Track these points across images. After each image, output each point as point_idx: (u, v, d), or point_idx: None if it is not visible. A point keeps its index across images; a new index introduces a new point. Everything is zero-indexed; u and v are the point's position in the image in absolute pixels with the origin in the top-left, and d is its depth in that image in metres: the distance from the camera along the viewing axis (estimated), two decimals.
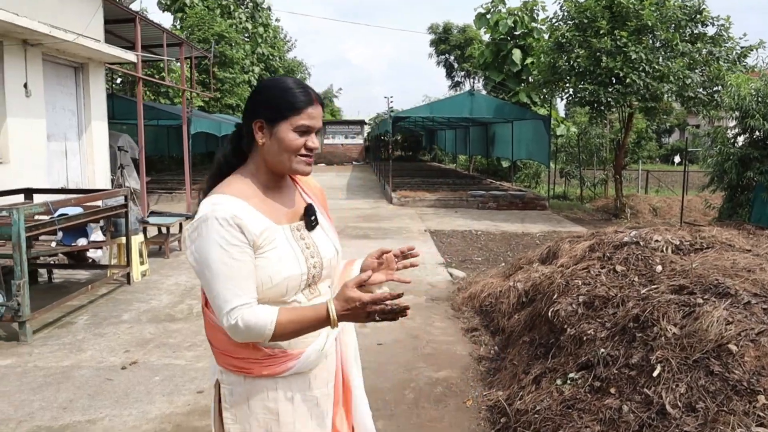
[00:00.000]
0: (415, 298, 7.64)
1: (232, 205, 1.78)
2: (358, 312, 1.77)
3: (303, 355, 1.91)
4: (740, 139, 12.19)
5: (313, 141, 1.90)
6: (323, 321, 1.78)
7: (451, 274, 9.09)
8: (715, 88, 14.62)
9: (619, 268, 5.21)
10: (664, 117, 20.17)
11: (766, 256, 5.31)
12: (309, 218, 2.00)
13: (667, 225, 10.26)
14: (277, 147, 1.86)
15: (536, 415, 3.85)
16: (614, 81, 14.59)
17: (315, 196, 2.17)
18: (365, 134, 45.20)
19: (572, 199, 21.92)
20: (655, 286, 4.62)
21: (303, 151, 1.89)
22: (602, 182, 22.32)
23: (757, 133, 11.53)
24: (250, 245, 1.78)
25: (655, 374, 3.49)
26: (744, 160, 11.59)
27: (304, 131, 1.87)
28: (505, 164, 26.59)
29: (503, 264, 9.74)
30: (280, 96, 1.85)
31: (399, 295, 1.79)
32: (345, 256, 2.21)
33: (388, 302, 1.77)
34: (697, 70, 14.42)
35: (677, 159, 36.87)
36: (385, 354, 5.67)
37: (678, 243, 5.59)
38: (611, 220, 16.49)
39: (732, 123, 12.51)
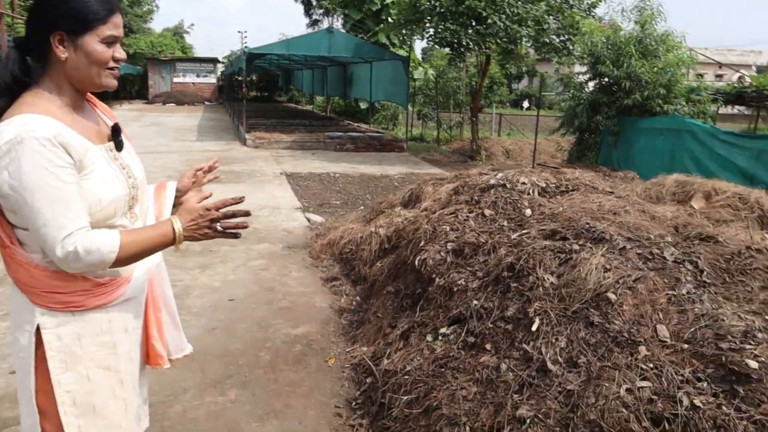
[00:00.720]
0: (270, 246, 7.07)
1: (50, 124, 1.63)
2: (202, 224, 1.81)
3: (134, 277, 1.87)
4: (590, 85, 12.54)
5: (120, 51, 1.80)
6: (168, 239, 1.79)
7: (308, 220, 8.59)
8: (567, 36, 14.95)
9: (487, 212, 4.95)
10: (520, 63, 20.54)
11: (627, 198, 5.28)
12: (117, 138, 1.89)
13: (521, 167, 10.36)
14: (85, 61, 1.72)
15: (406, 376, 3.49)
16: (474, 23, 14.45)
17: (111, 117, 2.00)
18: (218, 73, 42.88)
19: (429, 142, 22.03)
20: (525, 231, 4.39)
21: (111, 64, 1.78)
22: (458, 125, 22.60)
23: (606, 79, 11.86)
24: (75, 166, 1.66)
25: (534, 328, 3.22)
26: (594, 104, 11.94)
27: (111, 42, 1.76)
28: (363, 106, 26.20)
29: (362, 207, 9.41)
30: (80, 4, 1.70)
31: (241, 199, 1.88)
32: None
33: (230, 208, 1.85)
34: (551, 17, 14.63)
35: (526, 104, 38.44)
36: (237, 311, 5.10)
37: (544, 185, 5.43)
38: (467, 161, 16.70)
39: (583, 69, 12.82)
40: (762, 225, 5.14)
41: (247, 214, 1.87)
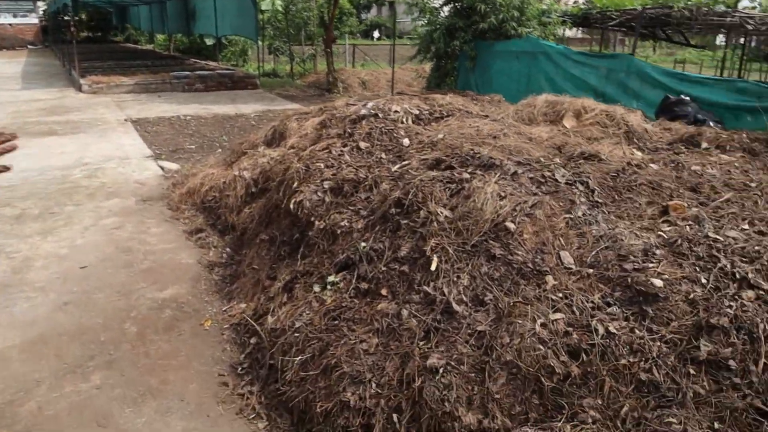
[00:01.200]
0: (121, 201, 6.32)
1: None
2: None
3: None
4: (446, 10, 12.35)
5: None
6: None
7: (162, 168, 7.83)
8: None
9: (362, 144, 4.61)
10: None
11: (503, 121, 5.14)
12: None
13: (380, 96, 10.04)
14: None
15: (297, 334, 3.14)
16: None
17: None
18: (40, 12, 38.51)
19: (283, 76, 21.17)
20: (406, 162, 4.11)
21: None
22: (312, 58, 21.85)
23: (461, 3, 11.71)
24: None
25: (432, 267, 2.97)
26: (450, 29, 11.79)
27: None
28: (209, 42, 24.63)
29: (220, 150, 8.78)
30: None
31: None
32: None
33: None
34: None
35: (377, 34, 38.06)
36: (91, 279, 4.45)
37: (417, 113, 5.16)
38: (324, 95, 16.20)
39: None
40: (629, 141, 5.21)
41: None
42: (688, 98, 7.96)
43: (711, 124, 7.42)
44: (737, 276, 2.73)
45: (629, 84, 9.31)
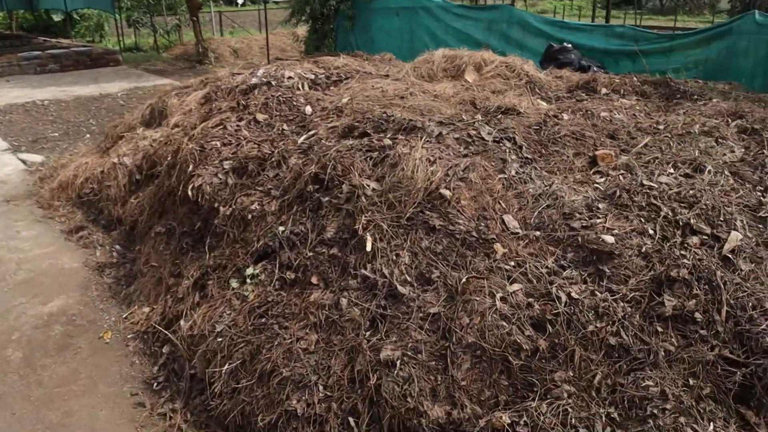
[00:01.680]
0: None
1: None
2: None
3: None
4: None
5: None
6: None
7: (24, 162, 6.96)
8: None
9: (260, 116, 4.19)
10: None
11: (405, 79, 4.88)
12: None
13: (255, 65, 9.41)
14: None
15: (220, 339, 2.76)
16: None
17: None
18: None
19: (147, 50, 19.76)
20: (313, 132, 3.76)
21: None
22: (176, 28, 20.54)
23: None
24: None
25: (368, 247, 2.67)
26: None
27: None
28: (57, 17, 22.57)
29: (89, 136, 7.99)
30: None
31: None
32: None
33: None
34: None
35: (241, 0, 36.51)
36: None
37: (313, 77, 4.79)
38: (195, 67, 15.31)
39: None
40: (532, 91, 5.11)
41: None
42: (570, 45, 8.05)
43: (594, 69, 7.53)
44: (680, 223, 2.64)
45: (511, 34, 9.30)
